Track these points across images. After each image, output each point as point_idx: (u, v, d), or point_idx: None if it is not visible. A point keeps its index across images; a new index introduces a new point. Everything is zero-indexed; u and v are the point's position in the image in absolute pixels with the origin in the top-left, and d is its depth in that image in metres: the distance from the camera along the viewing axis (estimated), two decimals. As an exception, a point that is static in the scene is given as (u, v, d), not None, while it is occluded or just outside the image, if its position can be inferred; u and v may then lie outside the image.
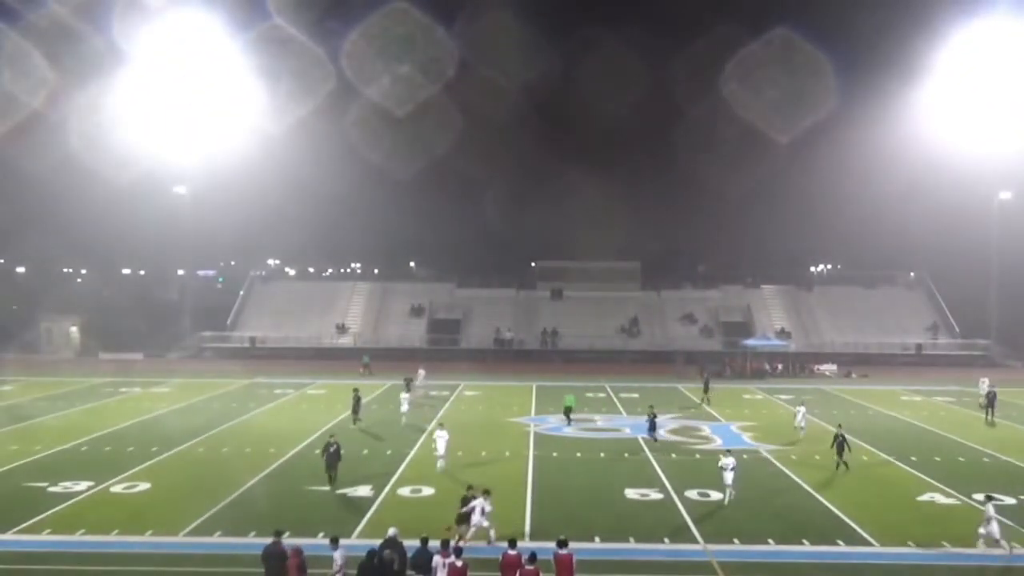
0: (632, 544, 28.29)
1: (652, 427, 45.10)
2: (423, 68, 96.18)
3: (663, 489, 35.25)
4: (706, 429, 49.41)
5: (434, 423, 45.72)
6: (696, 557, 27.29)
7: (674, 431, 48.50)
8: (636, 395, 63.11)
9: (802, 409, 48.00)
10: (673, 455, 41.94)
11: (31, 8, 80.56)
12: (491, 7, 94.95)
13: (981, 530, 27.53)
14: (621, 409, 56.94)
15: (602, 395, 63.15)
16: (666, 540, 28.72)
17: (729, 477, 33.08)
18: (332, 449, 35.33)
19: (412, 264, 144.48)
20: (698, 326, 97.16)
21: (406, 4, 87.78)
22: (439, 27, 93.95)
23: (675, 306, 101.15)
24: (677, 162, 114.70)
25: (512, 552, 22.74)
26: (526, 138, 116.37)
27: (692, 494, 34.32)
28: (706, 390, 60.24)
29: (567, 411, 50.24)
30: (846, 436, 39.01)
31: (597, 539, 28.59)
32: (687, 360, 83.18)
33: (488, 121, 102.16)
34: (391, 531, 23.69)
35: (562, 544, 23.07)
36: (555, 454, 41.96)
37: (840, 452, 38.47)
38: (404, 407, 50.28)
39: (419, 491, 34.59)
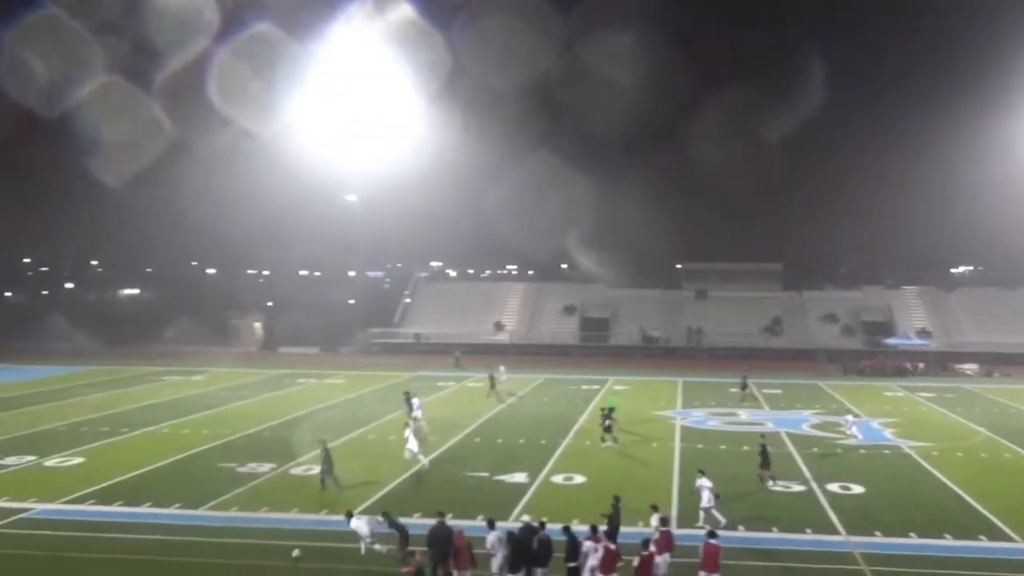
0: (775, 534, 27.78)
1: (607, 428, 42.15)
2: (568, 76, 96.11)
3: (805, 482, 34.50)
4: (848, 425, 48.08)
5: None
6: (838, 548, 26.62)
7: (816, 426, 47.39)
8: (778, 391, 61.88)
9: (849, 417, 45.46)
10: (815, 449, 40.98)
11: (222, 26, 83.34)
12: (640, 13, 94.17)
13: None
14: (763, 404, 55.93)
15: (745, 391, 62.10)
16: (808, 531, 28.08)
17: (706, 498, 28.54)
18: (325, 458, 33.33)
19: (563, 266, 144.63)
20: (839, 325, 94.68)
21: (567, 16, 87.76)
22: (594, 35, 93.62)
23: (816, 306, 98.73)
24: (818, 165, 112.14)
25: (713, 541, 22.49)
26: (674, 144, 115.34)
27: (834, 487, 33.49)
28: (744, 387, 58.62)
29: (608, 412, 47.71)
30: None
31: (741, 528, 28.17)
32: (828, 358, 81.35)
33: (639, 128, 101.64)
34: (526, 518, 23.95)
35: (711, 535, 22.81)
36: (700, 446, 41.49)
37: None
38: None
39: (571, 479, 34.66)
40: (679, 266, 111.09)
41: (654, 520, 24.82)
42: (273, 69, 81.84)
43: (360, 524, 25.59)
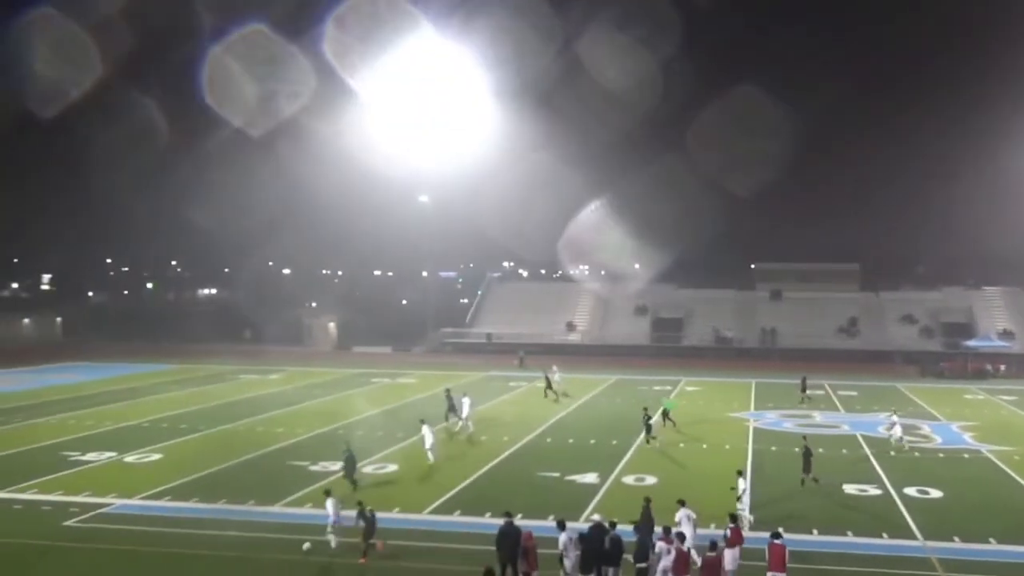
0: (850, 538, 27.27)
1: (648, 429, 41.82)
2: (640, 77, 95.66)
3: (882, 485, 33.83)
4: (926, 428, 47.10)
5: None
6: (915, 553, 26.07)
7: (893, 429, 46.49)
8: (854, 393, 60.88)
9: (893, 417, 43.93)
10: (892, 452, 40.19)
11: (298, 32, 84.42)
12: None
13: None
14: (839, 406, 55.04)
15: (820, 392, 61.14)
16: (884, 535, 27.54)
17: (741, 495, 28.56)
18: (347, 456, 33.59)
19: (636, 266, 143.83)
20: (918, 327, 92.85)
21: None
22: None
23: (894, 307, 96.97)
24: (898, 163, 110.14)
25: (778, 542, 22.24)
26: (744, 145, 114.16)
27: (911, 491, 32.80)
28: (803, 389, 57.39)
29: (665, 414, 45.82)
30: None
31: (815, 531, 27.73)
32: (906, 360, 79.87)
33: (709, 128, 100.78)
34: (596, 518, 23.86)
35: (776, 535, 22.51)
36: (774, 448, 40.97)
37: None
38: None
39: (642, 480, 34.43)
40: (753, 266, 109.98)
41: (678, 515, 24.76)
42: (346, 70, 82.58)
43: (330, 505, 26.44)
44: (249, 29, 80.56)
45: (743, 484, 28.82)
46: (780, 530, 23.10)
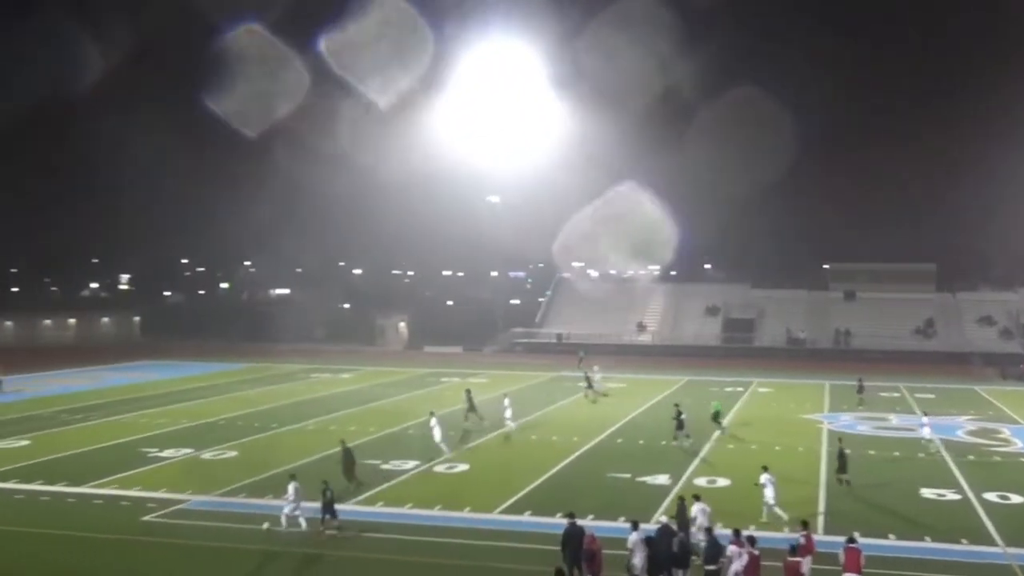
0: (928, 543, 26.75)
1: (680, 425, 41.54)
2: (710, 78, 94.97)
3: (960, 490, 33.12)
4: (1006, 431, 46.02)
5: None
6: (995, 560, 25.48)
7: (972, 432, 45.54)
8: (931, 395, 59.72)
9: (924, 419, 42.64)
10: (971, 457, 39.36)
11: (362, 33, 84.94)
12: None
13: None
14: (915, 409, 54.02)
15: (896, 395, 60.11)
16: (964, 541, 26.95)
17: (769, 494, 28.39)
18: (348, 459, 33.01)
19: (707, 266, 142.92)
20: (996, 328, 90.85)
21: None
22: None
23: (972, 308, 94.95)
24: (973, 160, 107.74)
25: (853, 546, 21.89)
26: (818, 143, 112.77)
27: (991, 496, 32.08)
28: (860, 391, 56.01)
29: (715, 416, 45.27)
30: None
31: (891, 536, 27.24)
32: (985, 362, 78.21)
33: (782, 128, 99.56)
34: (663, 519, 23.73)
35: (851, 540, 22.16)
36: (848, 451, 40.25)
37: None
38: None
39: (715, 482, 34.13)
40: (826, 266, 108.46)
41: (694, 509, 25.14)
42: (418, 69, 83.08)
43: (291, 491, 27.61)
44: (329, 32, 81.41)
45: (766, 479, 28.44)
46: (855, 534, 22.76)
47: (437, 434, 38.57)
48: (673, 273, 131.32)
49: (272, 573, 24.70)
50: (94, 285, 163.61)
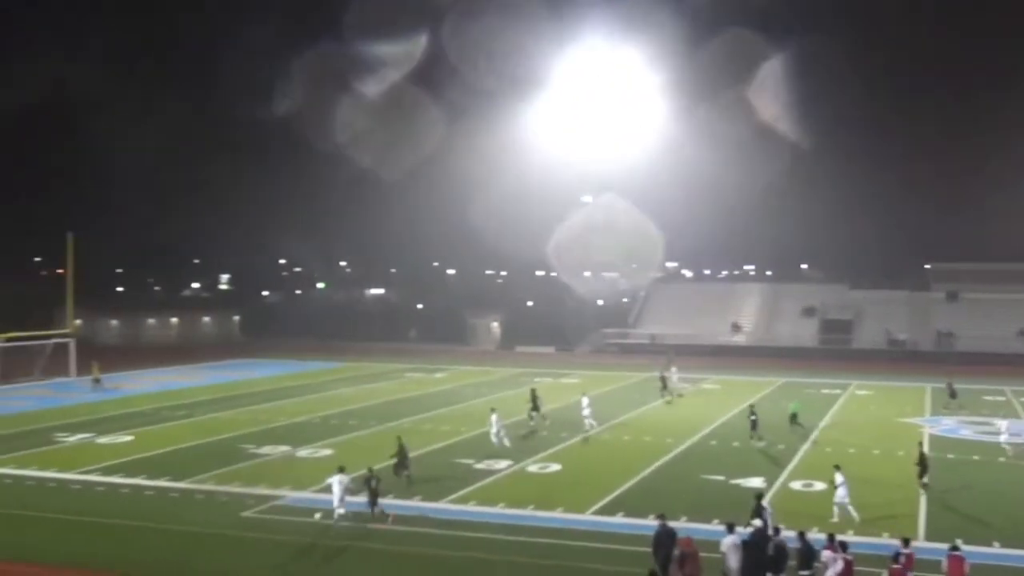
0: (1036, 552, 25.93)
1: (754, 426, 42.04)
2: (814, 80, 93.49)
3: (1072, 498, 32.01)
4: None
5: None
6: (1108, 570, 24.59)
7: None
8: (1039, 399, 57.91)
9: (1003, 423, 41.37)
10: (1002, 459, 38.03)
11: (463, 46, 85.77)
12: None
13: None
14: (1022, 413, 52.39)
15: (1001, 399, 58.36)
16: (1076, 551, 26.05)
17: (842, 493, 28.34)
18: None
19: (804, 266, 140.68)
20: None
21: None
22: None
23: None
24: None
25: (957, 554, 21.43)
26: (920, 140, 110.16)
27: (1103, 504, 30.94)
28: (952, 395, 53.76)
29: (793, 418, 44.73)
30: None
31: (996, 544, 26.43)
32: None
33: (880, 124, 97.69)
34: (756, 522, 23.44)
35: (954, 548, 21.61)
36: (951, 456, 39.27)
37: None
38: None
39: (811, 485, 33.57)
40: (928, 266, 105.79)
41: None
42: (509, 74, 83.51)
43: (335, 485, 27.74)
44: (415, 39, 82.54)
45: (840, 479, 28.34)
46: (959, 542, 22.17)
47: (493, 429, 39.56)
48: (768, 273, 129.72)
49: (365, 571, 25.01)
50: (195, 285, 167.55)
